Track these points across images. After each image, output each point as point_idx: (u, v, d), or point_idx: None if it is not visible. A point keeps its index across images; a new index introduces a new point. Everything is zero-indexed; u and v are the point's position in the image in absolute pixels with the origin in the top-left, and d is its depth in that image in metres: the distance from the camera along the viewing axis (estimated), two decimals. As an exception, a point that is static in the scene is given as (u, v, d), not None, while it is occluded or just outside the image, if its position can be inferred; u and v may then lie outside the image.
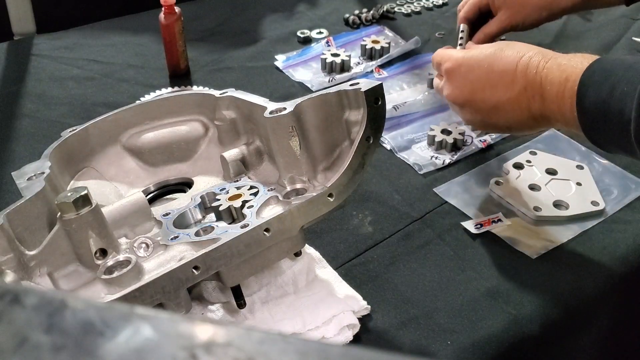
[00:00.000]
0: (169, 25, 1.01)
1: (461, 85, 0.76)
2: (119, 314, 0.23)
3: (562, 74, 0.66)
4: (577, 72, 0.65)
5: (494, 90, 0.72)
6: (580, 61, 0.66)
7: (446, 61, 0.79)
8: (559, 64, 0.68)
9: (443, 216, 0.81)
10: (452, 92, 0.78)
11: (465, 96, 0.76)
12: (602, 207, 0.81)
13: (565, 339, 0.73)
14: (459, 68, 0.76)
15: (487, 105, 0.74)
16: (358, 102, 0.62)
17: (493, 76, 0.73)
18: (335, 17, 1.25)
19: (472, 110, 0.76)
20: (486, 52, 0.75)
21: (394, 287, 0.72)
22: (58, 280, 0.59)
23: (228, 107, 0.74)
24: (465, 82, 0.76)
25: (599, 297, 0.73)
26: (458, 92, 0.77)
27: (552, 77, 0.67)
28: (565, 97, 0.65)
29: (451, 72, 0.77)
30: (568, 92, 0.65)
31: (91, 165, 0.76)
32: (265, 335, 0.22)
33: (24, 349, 0.21)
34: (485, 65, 0.74)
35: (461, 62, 0.76)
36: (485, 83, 0.73)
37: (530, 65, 0.70)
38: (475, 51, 0.76)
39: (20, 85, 1.05)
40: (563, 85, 0.66)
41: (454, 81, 0.77)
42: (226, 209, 0.64)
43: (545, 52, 0.71)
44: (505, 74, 0.72)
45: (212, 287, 0.66)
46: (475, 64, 0.75)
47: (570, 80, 0.65)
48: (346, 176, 0.61)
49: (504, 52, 0.73)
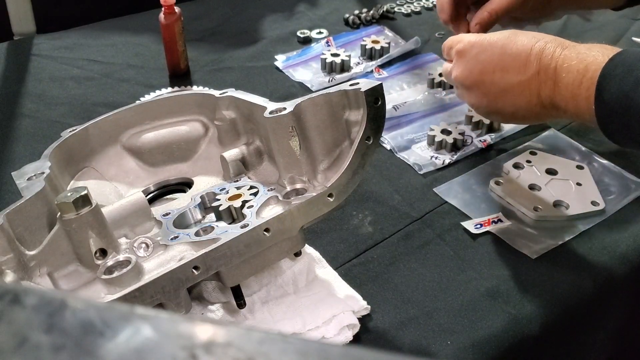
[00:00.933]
0: (169, 25, 1.01)
1: (471, 65, 0.76)
2: (119, 314, 0.23)
3: (581, 63, 0.66)
4: (599, 62, 0.64)
5: (505, 72, 0.72)
6: (602, 52, 0.65)
7: (458, 42, 0.78)
8: (577, 52, 0.67)
9: (443, 216, 0.81)
10: (462, 72, 0.77)
11: (474, 77, 0.75)
12: (602, 207, 0.81)
13: (565, 339, 0.73)
14: (471, 49, 0.76)
15: (496, 88, 0.73)
16: (358, 102, 0.62)
17: (506, 58, 0.72)
18: (335, 17, 1.25)
19: (480, 92, 0.76)
20: (500, 36, 0.74)
21: (394, 287, 0.72)
22: (58, 280, 0.59)
23: (228, 107, 0.74)
24: (475, 62, 0.75)
25: (599, 297, 0.73)
26: (467, 72, 0.76)
27: (568, 65, 0.67)
28: (583, 86, 0.65)
29: (462, 53, 0.77)
30: (586, 82, 0.64)
31: (91, 165, 0.76)
32: (265, 335, 0.22)
33: (24, 348, 0.21)
34: (498, 47, 0.73)
35: (474, 43, 0.76)
36: (497, 65, 0.73)
37: (545, 50, 0.69)
38: (489, 35, 0.76)
39: (21, 85, 1.05)
40: (581, 75, 0.65)
41: (464, 62, 0.77)
42: (226, 209, 0.64)
43: (562, 40, 0.70)
44: (518, 57, 0.71)
45: (212, 287, 0.66)
46: (488, 45, 0.74)
47: (590, 70, 0.64)
48: (346, 176, 0.61)
49: (518, 36, 0.72)
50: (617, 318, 0.79)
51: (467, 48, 0.76)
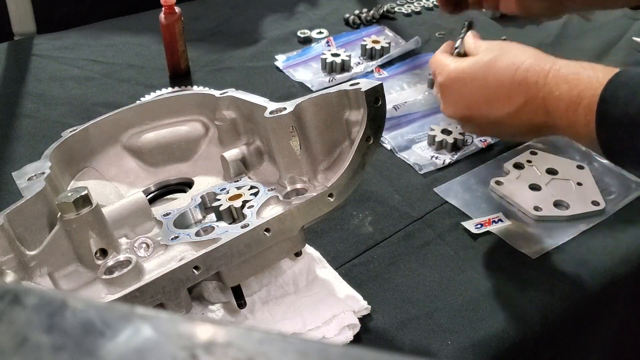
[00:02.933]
0: (169, 25, 1.01)
1: (456, 101, 0.73)
2: (119, 314, 0.23)
3: (573, 90, 0.62)
4: (594, 87, 0.61)
5: (491, 106, 0.69)
6: (593, 75, 0.62)
7: (439, 73, 0.75)
8: (564, 78, 0.64)
9: (443, 216, 0.81)
10: (447, 108, 0.75)
11: (461, 112, 0.73)
12: (603, 207, 0.81)
13: (566, 339, 0.73)
14: (452, 83, 0.73)
15: (486, 120, 0.71)
16: (358, 102, 0.62)
17: (488, 91, 0.69)
18: (336, 17, 1.25)
19: (471, 124, 0.74)
20: (479, 65, 0.70)
21: (394, 287, 0.72)
22: (58, 280, 0.59)
23: (228, 107, 0.74)
24: (459, 98, 0.72)
25: (599, 297, 0.73)
26: (453, 108, 0.74)
27: (559, 93, 0.63)
28: (579, 113, 0.62)
29: (445, 88, 0.74)
30: (583, 109, 0.61)
31: (91, 165, 0.76)
32: (266, 335, 0.22)
33: (24, 349, 0.21)
34: (479, 79, 0.70)
35: (454, 76, 0.72)
36: (481, 99, 0.70)
37: (528, 80, 0.66)
38: (467, 63, 0.72)
39: (21, 85, 1.05)
40: (575, 103, 0.62)
41: (448, 97, 0.74)
42: (226, 209, 0.64)
43: (542, 61, 0.66)
44: (501, 89, 0.68)
45: (212, 287, 0.66)
46: (468, 78, 0.71)
47: (585, 97, 0.61)
48: (346, 176, 0.61)
49: (496, 63, 0.69)
50: (618, 318, 0.79)
51: (449, 83, 0.73)
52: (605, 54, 1.15)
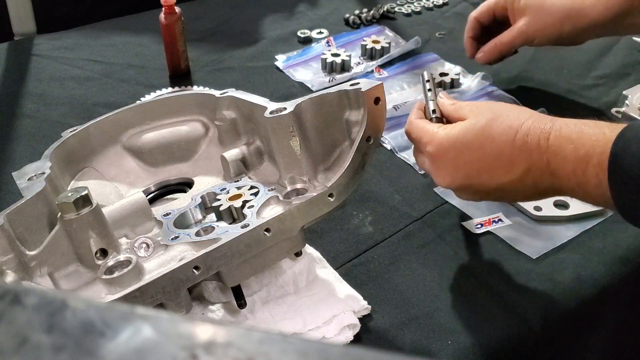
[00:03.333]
0: (169, 25, 1.01)
1: (452, 171, 0.67)
2: (120, 314, 0.23)
3: (579, 149, 0.59)
4: (602, 145, 0.57)
5: (492, 174, 0.65)
6: (599, 131, 0.59)
7: (427, 142, 0.68)
8: (568, 137, 0.60)
9: (443, 216, 0.81)
10: (444, 179, 0.68)
11: (459, 182, 0.67)
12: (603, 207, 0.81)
13: (566, 339, 0.73)
14: (445, 153, 0.67)
15: (487, 188, 0.66)
16: (358, 102, 0.62)
17: (488, 159, 0.65)
18: (336, 17, 1.25)
19: (470, 192, 0.69)
20: (474, 131, 0.65)
21: (395, 287, 0.72)
22: (58, 280, 0.59)
23: (228, 107, 0.74)
24: (456, 168, 0.67)
25: (600, 297, 0.73)
26: (450, 179, 0.68)
27: (563, 154, 0.60)
28: (589, 173, 0.58)
29: (437, 158, 0.68)
30: (593, 168, 0.58)
31: (92, 165, 0.76)
32: (266, 335, 0.22)
33: (24, 349, 0.21)
34: (475, 147, 0.65)
35: (447, 146, 0.66)
36: (480, 167, 0.65)
37: (530, 144, 0.62)
38: (459, 129, 0.66)
39: (21, 85, 1.05)
40: (584, 162, 0.58)
41: (442, 167, 0.68)
42: (226, 209, 0.64)
43: (541, 122, 0.63)
44: (501, 156, 0.64)
45: (212, 287, 0.66)
46: (463, 147, 0.65)
47: (594, 155, 0.58)
48: (346, 176, 0.61)
49: (493, 128, 0.64)
50: (618, 318, 0.79)
51: (441, 153, 0.67)
52: (605, 54, 1.15)
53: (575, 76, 1.09)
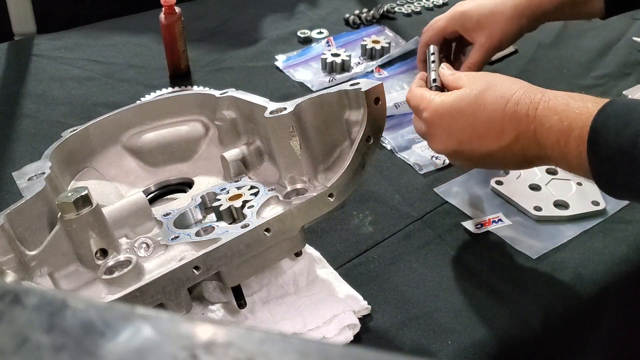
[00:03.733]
0: (169, 25, 1.01)
1: (445, 137, 0.71)
2: (120, 314, 0.23)
3: (563, 121, 0.62)
4: (584, 118, 0.60)
5: (482, 140, 0.68)
6: (583, 105, 0.61)
7: (424, 109, 0.72)
8: (554, 109, 0.63)
9: (443, 216, 0.81)
10: (437, 144, 0.72)
11: (452, 147, 0.71)
12: (603, 207, 0.81)
13: (566, 339, 0.73)
14: (440, 119, 0.70)
15: (477, 154, 0.69)
16: (358, 102, 0.62)
17: (479, 126, 0.68)
18: (336, 17, 1.25)
19: (462, 159, 0.72)
20: (468, 99, 0.68)
21: (395, 287, 0.72)
22: (59, 280, 0.59)
23: (228, 107, 0.74)
24: (449, 133, 0.70)
25: (600, 297, 0.73)
26: (443, 144, 0.71)
27: (549, 125, 0.63)
28: (570, 145, 0.61)
29: (432, 124, 0.71)
30: (574, 140, 0.61)
31: (92, 165, 0.76)
32: (266, 335, 0.22)
33: (24, 349, 0.21)
34: (468, 114, 0.68)
35: (442, 112, 0.70)
36: (472, 134, 0.68)
37: (519, 113, 0.65)
38: (454, 97, 0.70)
39: (21, 85, 1.05)
40: (566, 134, 0.61)
41: (436, 133, 0.71)
42: (227, 209, 0.64)
43: (531, 93, 0.65)
44: (492, 124, 0.67)
45: (212, 287, 0.66)
46: (457, 114, 0.69)
47: (575, 128, 0.60)
48: (346, 176, 0.61)
49: (485, 97, 0.67)
50: (618, 318, 0.79)
51: (437, 118, 0.71)
52: (605, 54, 1.15)
53: (575, 76, 1.09)
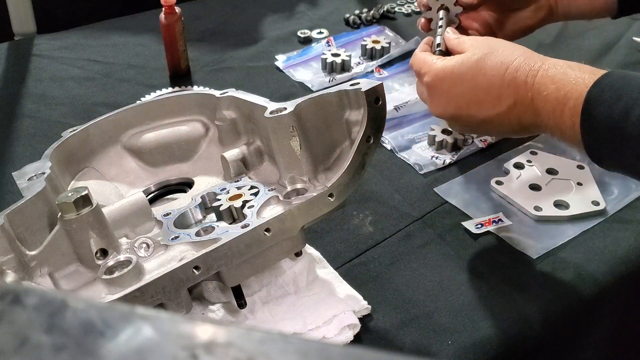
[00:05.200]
0: (169, 25, 1.01)
1: (445, 101, 0.72)
2: (120, 314, 0.23)
3: (559, 90, 0.62)
4: (579, 89, 0.61)
5: (480, 106, 0.69)
6: (580, 76, 0.62)
7: (426, 73, 0.73)
8: (552, 78, 0.63)
9: (444, 216, 0.81)
10: (436, 108, 0.73)
11: (451, 112, 0.72)
12: (603, 207, 0.81)
13: (566, 339, 0.73)
14: (440, 83, 0.71)
15: (475, 119, 0.70)
16: (358, 102, 0.62)
17: (478, 92, 0.68)
18: (336, 17, 1.25)
19: (460, 123, 0.73)
20: (468, 64, 0.69)
21: (395, 287, 0.72)
22: (59, 280, 0.59)
23: (228, 107, 0.74)
24: (448, 98, 0.71)
25: (600, 297, 0.73)
26: (442, 109, 0.72)
27: (546, 93, 0.63)
28: (565, 115, 0.62)
29: (433, 87, 0.72)
30: (569, 110, 0.61)
31: (92, 165, 0.76)
32: (266, 335, 0.22)
33: (24, 349, 0.21)
34: (468, 79, 0.69)
35: (442, 76, 0.71)
36: (470, 99, 0.69)
37: (518, 79, 0.65)
38: (455, 61, 0.70)
39: (21, 85, 1.05)
40: (562, 104, 0.62)
41: (436, 97, 0.73)
42: (227, 209, 0.64)
43: (531, 60, 0.66)
44: (491, 90, 0.67)
45: (212, 287, 0.66)
46: (457, 78, 0.69)
47: (571, 98, 0.61)
48: (347, 176, 0.61)
49: (486, 62, 0.68)
50: (618, 318, 0.79)
51: (437, 82, 0.71)
52: (605, 54, 1.15)
53: (575, 76, 1.09)
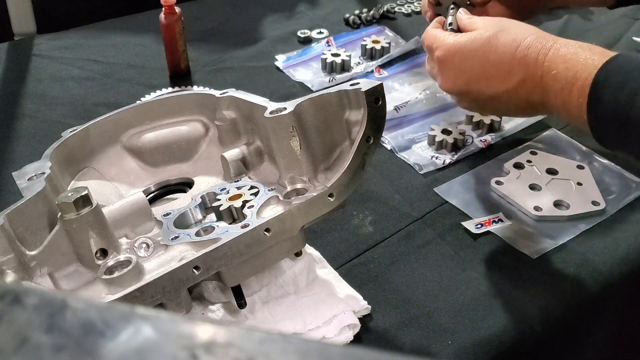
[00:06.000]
0: (169, 25, 1.01)
1: (455, 76, 0.73)
2: (120, 314, 0.23)
3: (569, 70, 0.63)
4: (588, 70, 0.62)
5: (490, 81, 0.70)
6: (590, 57, 0.63)
7: (437, 47, 0.74)
8: (563, 57, 0.64)
9: (443, 216, 0.81)
10: (446, 82, 0.74)
11: (460, 87, 0.73)
12: (603, 207, 0.81)
13: (566, 339, 0.73)
14: (452, 57, 0.72)
15: (484, 95, 0.71)
16: (358, 102, 0.62)
17: (489, 67, 0.70)
18: (336, 17, 1.25)
19: (469, 99, 0.74)
20: (480, 40, 0.70)
21: (395, 287, 0.72)
22: (59, 280, 0.59)
23: (228, 107, 0.74)
24: (459, 72, 0.72)
25: (600, 297, 0.73)
26: (452, 83, 0.74)
27: (555, 72, 0.64)
28: (573, 95, 0.63)
29: (444, 62, 0.74)
30: (577, 91, 0.62)
31: (92, 165, 0.76)
32: (266, 335, 0.22)
33: (24, 349, 0.21)
34: (479, 55, 0.70)
35: (454, 51, 0.72)
36: (481, 74, 0.70)
37: (528, 57, 0.66)
38: (467, 37, 0.72)
39: (21, 85, 1.05)
40: (570, 84, 0.63)
41: (447, 71, 0.74)
42: (227, 209, 0.64)
43: (543, 39, 0.67)
44: (501, 65, 0.68)
45: (212, 287, 0.66)
46: (469, 53, 0.71)
47: (579, 79, 0.62)
48: (346, 176, 0.61)
49: (499, 39, 0.69)
50: (618, 318, 0.79)
51: (448, 57, 0.73)
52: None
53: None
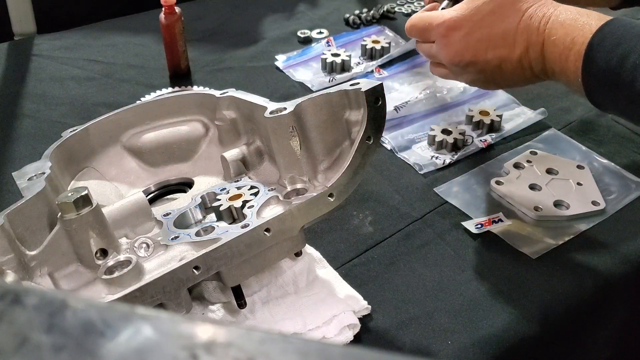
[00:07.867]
0: (169, 25, 1.01)
1: (462, 48, 0.72)
2: (120, 314, 0.23)
3: (567, 36, 0.64)
4: (585, 35, 0.63)
5: (496, 51, 0.70)
6: (587, 22, 0.64)
7: (439, 25, 0.74)
8: (562, 23, 0.66)
9: (443, 216, 0.81)
10: (454, 56, 0.74)
11: (468, 59, 0.73)
12: (603, 207, 0.81)
13: (566, 339, 0.73)
14: (457, 31, 0.72)
15: (491, 66, 0.72)
16: (358, 102, 0.62)
17: (495, 37, 0.70)
18: (336, 17, 1.25)
19: (475, 70, 0.74)
20: (484, 11, 0.71)
21: (395, 287, 0.72)
22: (59, 280, 0.59)
23: (228, 107, 0.74)
24: (466, 44, 0.72)
25: (600, 297, 0.73)
26: (460, 56, 0.73)
27: (555, 38, 0.65)
28: (570, 60, 0.64)
29: (448, 36, 0.73)
30: (574, 55, 0.64)
31: (92, 165, 0.76)
32: (266, 335, 0.22)
33: (24, 349, 0.21)
34: (485, 25, 0.70)
35: (459, 24, 0.72)
36: (488, 44, 0.71)
37: (531, 26, 0.67)
38: (469, 10, 0.72)
39: (21, 85, 1.05)
40: (568, 49, 0.64)
41: (453, 45, 0.73)
42: (227, 209, 0.64)
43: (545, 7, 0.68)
44: (507, 35, 0.69)
45: (212, 287, 0.66)
46: (474, 24, 0.71)
47: (576, 43, 0.63)
48: (346, 176, 0.61)
49: (503, 9, 0.70)
50: (618, 318, 0.79)
51: (452, 31, 0.72)
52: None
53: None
